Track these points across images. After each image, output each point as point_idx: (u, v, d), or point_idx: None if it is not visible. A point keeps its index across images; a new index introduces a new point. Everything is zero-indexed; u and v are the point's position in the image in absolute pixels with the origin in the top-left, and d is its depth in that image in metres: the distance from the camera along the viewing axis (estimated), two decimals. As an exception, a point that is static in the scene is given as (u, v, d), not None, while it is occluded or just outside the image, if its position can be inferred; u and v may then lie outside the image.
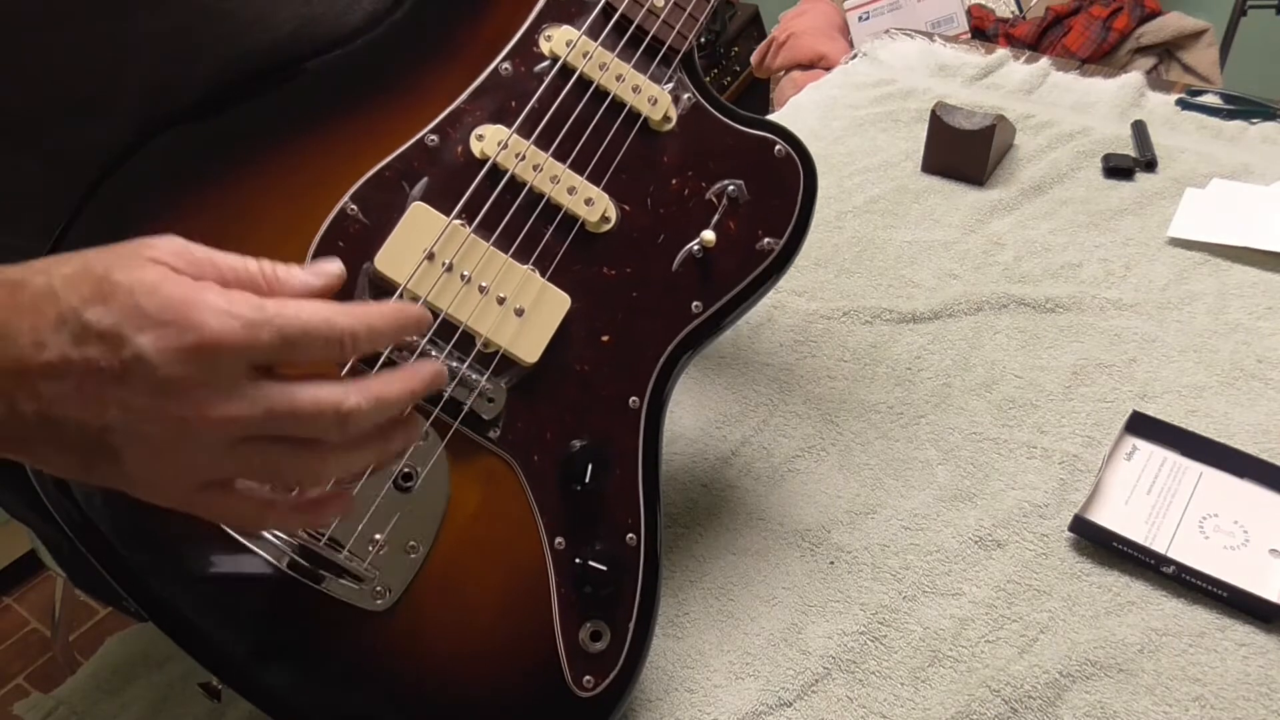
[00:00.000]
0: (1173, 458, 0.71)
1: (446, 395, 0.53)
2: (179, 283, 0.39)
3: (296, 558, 0.51)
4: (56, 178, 0.51)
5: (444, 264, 0.53)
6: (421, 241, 0.53)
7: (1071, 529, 0.67)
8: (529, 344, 0.54)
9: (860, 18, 2.07)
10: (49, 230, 0.50)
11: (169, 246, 0.41)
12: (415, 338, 0.52)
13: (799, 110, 1.20)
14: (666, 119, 0.59)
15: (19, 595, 1.90)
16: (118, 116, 0.52)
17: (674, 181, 0.59)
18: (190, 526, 0.49)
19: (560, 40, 0.57)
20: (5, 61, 0.48)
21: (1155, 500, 0.68)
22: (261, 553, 0.50)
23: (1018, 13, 2.10)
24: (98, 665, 0.66)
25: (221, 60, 0.53)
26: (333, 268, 0.44)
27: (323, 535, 0.50)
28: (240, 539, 0.50)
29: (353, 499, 0.47)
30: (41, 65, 0.49)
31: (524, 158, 0.55)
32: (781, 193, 0.60)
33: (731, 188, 0.59)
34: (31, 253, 0.49)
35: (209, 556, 0.50)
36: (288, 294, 0.43)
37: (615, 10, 0.57)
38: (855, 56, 1.30)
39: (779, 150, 0.60)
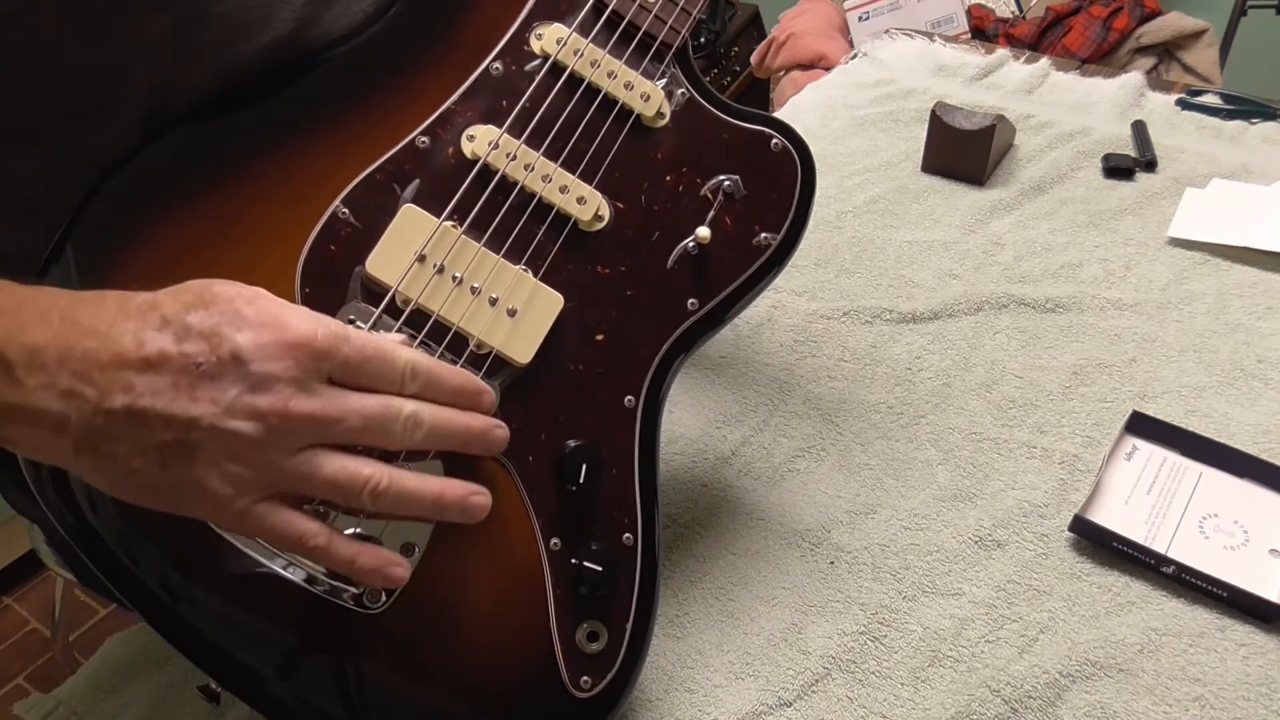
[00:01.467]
0: (1173, 458, 0.71)
1: None
2: (275, 298, 0.44)
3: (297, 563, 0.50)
4: (58, 179, 0.51)
5: (435, 266, 0.53)
6: (412, 244, 0.53)
7: (1071, 529, 0.67)
8: (522, 345, 0.54)
9: (860, 18, 2.06)
10: (50, 231, 0.50)
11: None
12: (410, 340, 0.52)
13: (799, 110, 1.20)
14: (660, 115, 0.58)
15: (19, 595, 1.90)
16: (119, 118, 0.52)
17: (668, 178, 0.58)
18: (189, 531, 0.49)
19: (551, 38, 0.56)
20: (7, 63, 0.48)
21: (1155, 500, 0.68)
22: (259, 557, 0.50)
23: (1018, 13, 2.09)
24: (98, 665, 0.66)
25: (221, 62, 0.53)
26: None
27: None
28: (243, 547, 0.50)
29: (407, 571, 0.47)
30: (43, 67, 0.49)
31: (515, 157, 0.55)
32: (778, 187, 0.59)
33: (727, 183, 0.58)
34: (33, 253, 0.50)
35: (208, 562, 0.50)
36: None
37: (606, 7, 0.57)
38: (855, 56, 1.30)
39: (775, 144, 0.59)
